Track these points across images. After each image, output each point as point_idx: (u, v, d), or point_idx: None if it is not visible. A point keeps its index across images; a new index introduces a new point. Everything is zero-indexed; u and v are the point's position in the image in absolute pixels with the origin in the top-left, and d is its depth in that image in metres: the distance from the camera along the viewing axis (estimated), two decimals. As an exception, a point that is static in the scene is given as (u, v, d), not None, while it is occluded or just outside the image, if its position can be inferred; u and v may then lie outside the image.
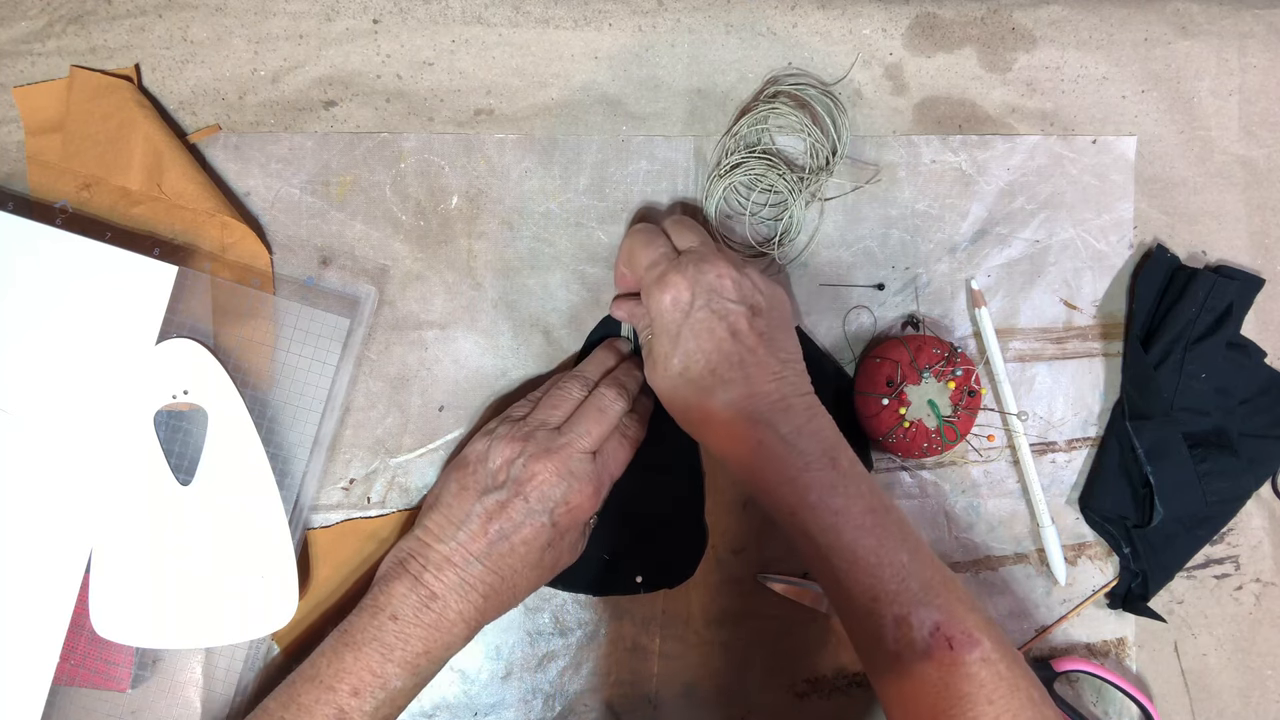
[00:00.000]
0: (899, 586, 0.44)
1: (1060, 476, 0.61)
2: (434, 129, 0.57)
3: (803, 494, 0.46)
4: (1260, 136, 0.62)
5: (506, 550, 0.49)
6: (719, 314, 0.48)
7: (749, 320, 0.48)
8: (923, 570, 0.45)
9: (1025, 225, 0.61)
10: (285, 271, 0.56)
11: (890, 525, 0.46)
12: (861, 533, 0.45)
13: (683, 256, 0.50)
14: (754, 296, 0.49)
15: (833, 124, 0.58)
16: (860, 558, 0.45)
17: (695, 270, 0.48)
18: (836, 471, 0.46)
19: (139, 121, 0.54)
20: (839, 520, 0.45)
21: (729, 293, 0.48)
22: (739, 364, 0.47)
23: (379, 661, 0.46)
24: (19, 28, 0.55)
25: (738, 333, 0.48)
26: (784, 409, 0.47)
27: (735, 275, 0.49)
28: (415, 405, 0.57)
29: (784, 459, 0.46)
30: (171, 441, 0.52)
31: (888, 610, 0.44)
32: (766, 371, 0.48)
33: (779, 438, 0.46)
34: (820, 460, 0.46)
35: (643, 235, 0.52)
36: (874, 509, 0.46)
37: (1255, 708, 0.61)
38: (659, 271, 0.49)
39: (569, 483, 0.49)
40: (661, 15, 0.58)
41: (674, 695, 0.58)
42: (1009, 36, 0.60)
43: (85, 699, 0.54)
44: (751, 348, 0.48)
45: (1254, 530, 0.62)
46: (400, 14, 0.57)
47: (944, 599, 0.44)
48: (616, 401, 0.52)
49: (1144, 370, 0.59)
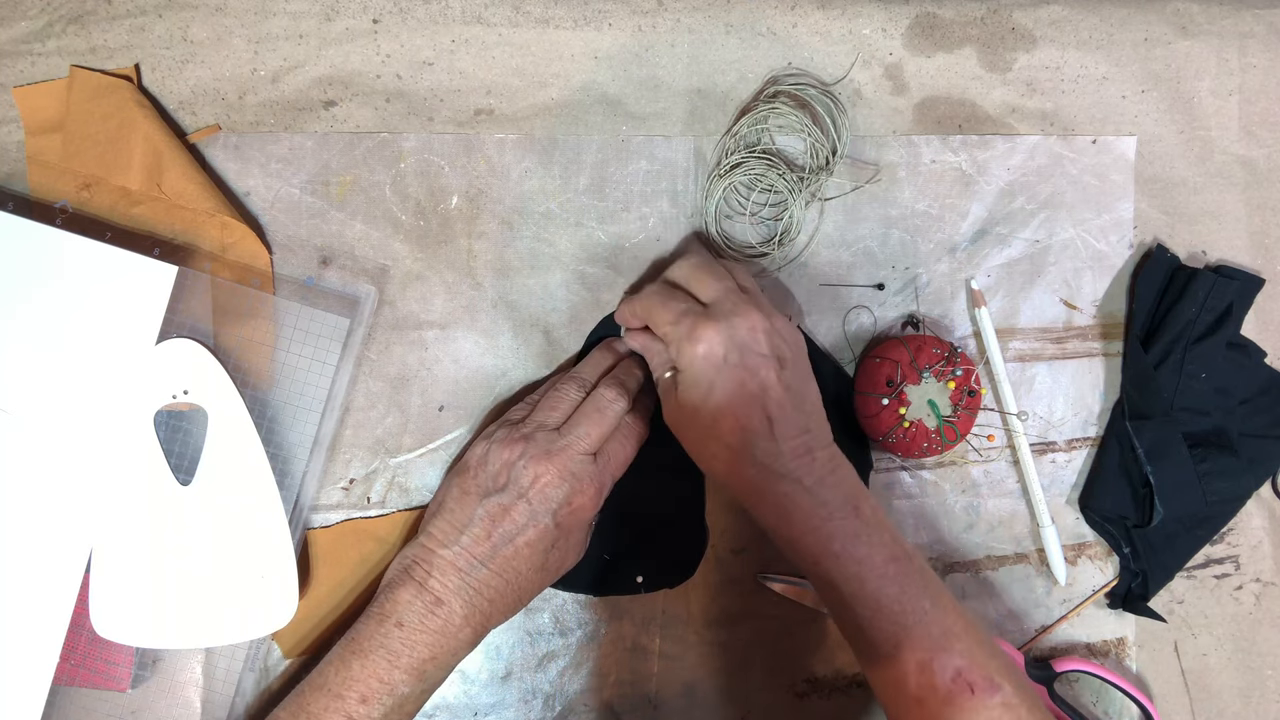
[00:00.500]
0: (922, 633, 0.45)
1: (1060, 476, 0.61)
2: (434, 129, 0.57)
3: (826, 543, 0.47)
4: (1260, 136, 0.62)
5: (511, 553, 0.49)
6: (751, 370, 0.48)
7: (778, 373, 0.48)
8: (944, 616, 0.46)
9: (1025, 225, 0.61)
10: (285, 271, 0.56)
11: (912, 573, 0.47)
12: (885, 581, 0.46)
13: (713, 309, 0.49)
14: (781, 348, 0.49)
15: (833, 124, 0.58)
16: (884, 605, 0.46)
17: (728, 324, 0.48)
18: (859, 520, 0.47)
19: (139, 121, 0.54)
20: (862, 569, 0.46)
21: (761, 346, 0.48)
22: (767, 419, 0.48)
23: (386, 668, 0.47)
24: (19, 28, 0.55)
25: (767, 388, 0.48)
26: (809, 462, 0.48)
27: (766, 327, 0.49)
28: (415, 405, 0.57)
29: (808, 510, 0.47)
30: (171, 441, 0.52)
31: (910, 656, 0.45)
32: (793, 427, 0.48)
33: (803, 490, 0.47)
34: (843, 509, 0.47)
35: (659, 295, 0.52)
36: (896, 557, 0.47)
37: (1255, 708, 0.61)
38: (689, 325, 0.49)
39: (570, 484, 0.49)
40: (661, 15, 0.58)
41: (674, 695, 0.58)
42: (1009, 36, 0.60)
43: (85, 699, 0.54)
44: (780, 402, 0.48)
45: (1254, 530, 0.62)
46: (400, 14, 0.57)
47: (965, 644, 0.45)
48: (616, 401, 0.52)
49: (1144, 370, 0.59)
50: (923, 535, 0.60)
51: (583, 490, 0.50)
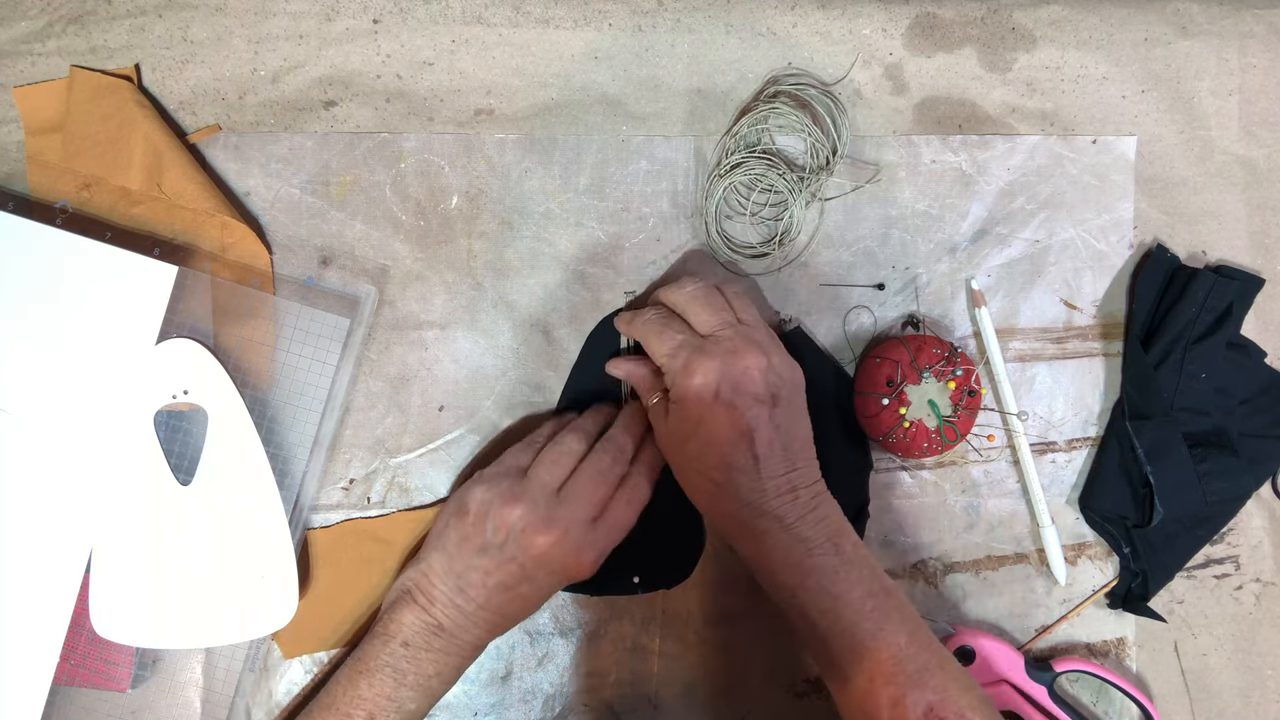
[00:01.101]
0: (895, 669, 0.46)
1: (1060, 476, 0.61)
2: (434, 129, 0.57)
3: (803, 578, 0.47)
4: (1260, 136, 0.62)
5: (508, 599, 0.49)
6: (742, 409, 0.48)
7: (769, 414, 0.48)
8: (919, 653, 0.46)
9: (1025, 225, 0.61)
10: (285, 271, 0.56)
11: (890, 609, 0.47)
12: (861, 616, 0.47)
13: (709, 342, 0.49)
14: (777, 385, 0.49)
15: (833, 124, 0.58)
16: (859, 640, 0.46)
17: (723, 362, 0.48)
18: (839, 557, 0.47)
19: (139, 121, 0.54)
20: (838, 604, 0.47)
21: (755, 386, 0.48)
22: (754, 458, 0.48)
23: (393, 686, 0.48)
24: (19, 28, 0.55)
25: (756, 428, 0.48)
26: (791, 500, 0.48)
27: (763, 366, 0.48)
28: (415, 405, 0.57)
29: (787, 546, 0.47)
30: (171, 441, 0.52)
31: (883, 691, 0.45)
32: (778, 466, 0.48)
33: (783, 526, 0.48)
34: (823, 546, 0.48)
35: (656, 324, 0.51)
36: (874, 593, 0.47)
37: (1255, 708, 0.61)
38: (684, 359, 0.49)
39: (567, 551, 0.49)
40: (661, 15, 0.58)
41: (674, 695, 0.58)
42: (1009, 36, 0.60)
43: (85, 699, 0.54)
44: (768, 441, 0.48)
45: (1254, 530, 0.62)
46: (400, 14, 0.57)
47: (939, 680, 0.46)
48: (614, 467, 0.52)
49: (1144, 370, 0.59)
50: (923, 535, 0.60)
51: (581, 556, 0.49)
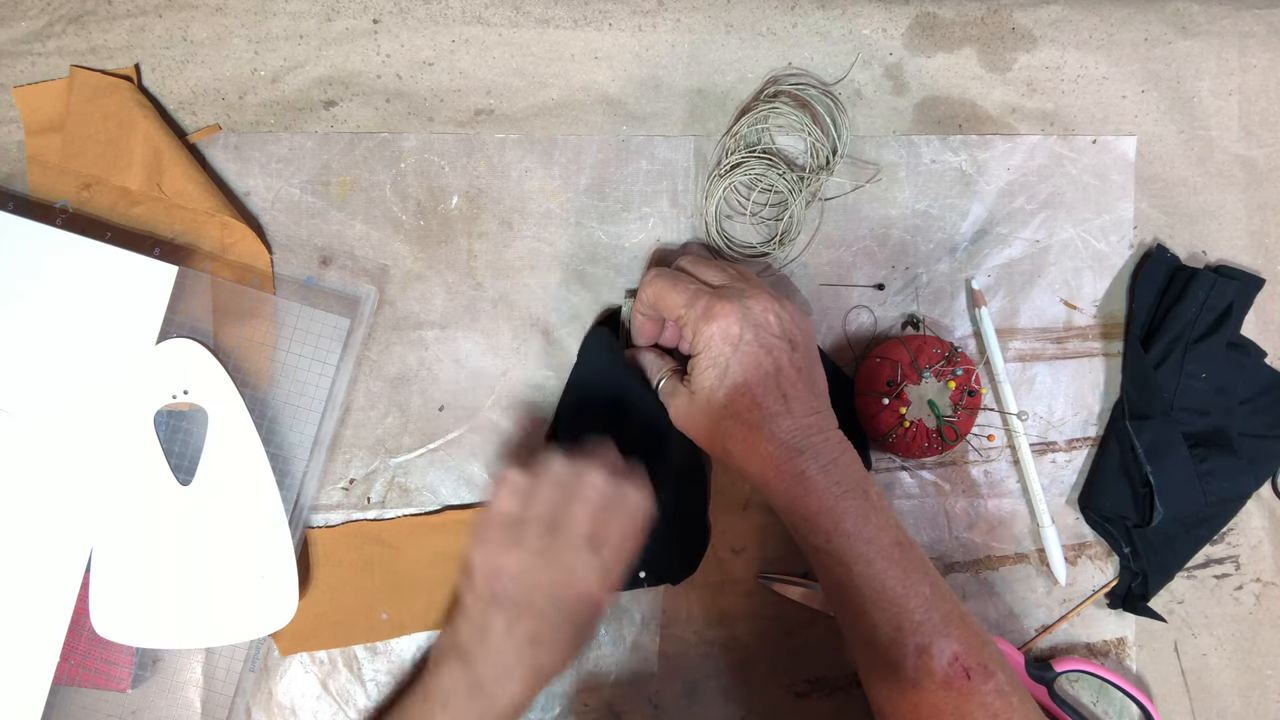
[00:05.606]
0: (923, 617, 0.46)
1: (1060, 476, 0.61)
2: (434, 129, 0.57)
3: (839, 521, 0.47)
4: (1260, 136, 0.62)
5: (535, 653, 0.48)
6: (766, 347, 0.48)
7: (790, 355, 0.49)
8: (943, 603, 0.47)
9: (1025, 225, 0.61)
10: (285, 271, 0.56)
11: (914, 559, 0.47)
12: (890, 563, 0.47)
13: (724, 290, 0.50)
14: (792, 331, 0.50)
15: (833, 124, 0.58)
16: (888, 587, 0.46)
17: (741, 304, 0.49)
18: (868, 502, 0.48)
19: (139, 121, 0.54)
20: (870, 549, 0.47)
21: (773, 327, 0.49)
22: (783, 397, 0.48)
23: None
24: (19, 28, 0.55)
25: (781, 367, 0.48)
26: (821, 441, 0.48)
27: (777, 309, 0.49)
28: (415, 405, 0.57)
29: (823, 488, 0.47)
30: (171, 441, 0.52)
31: (910, 639, 0.46)
32: (806, 405, 0.49)
33: (819, 468, 0.48)
34: (854, 491, 0.48)
35: (667, 278, 0.51)
36: (900, 542, 0.48)
37: (1255, 708, 0.61)
38: (703, 305, 0.49)
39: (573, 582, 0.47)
40: (661, 15, 0.58)
41: (674, 695, 0.58)
42: (1009, 36, 0.60)
43: (85, 699, 0.54)
44: (794, 381, 0.49)
45: (1254, 530, 0.62)
46: (400, 14, 0.57)
47: (961, 631, 0.46)
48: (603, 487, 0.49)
49: (1144, 370, 0.59)
50: (923, 535, 0.60)
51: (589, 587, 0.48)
